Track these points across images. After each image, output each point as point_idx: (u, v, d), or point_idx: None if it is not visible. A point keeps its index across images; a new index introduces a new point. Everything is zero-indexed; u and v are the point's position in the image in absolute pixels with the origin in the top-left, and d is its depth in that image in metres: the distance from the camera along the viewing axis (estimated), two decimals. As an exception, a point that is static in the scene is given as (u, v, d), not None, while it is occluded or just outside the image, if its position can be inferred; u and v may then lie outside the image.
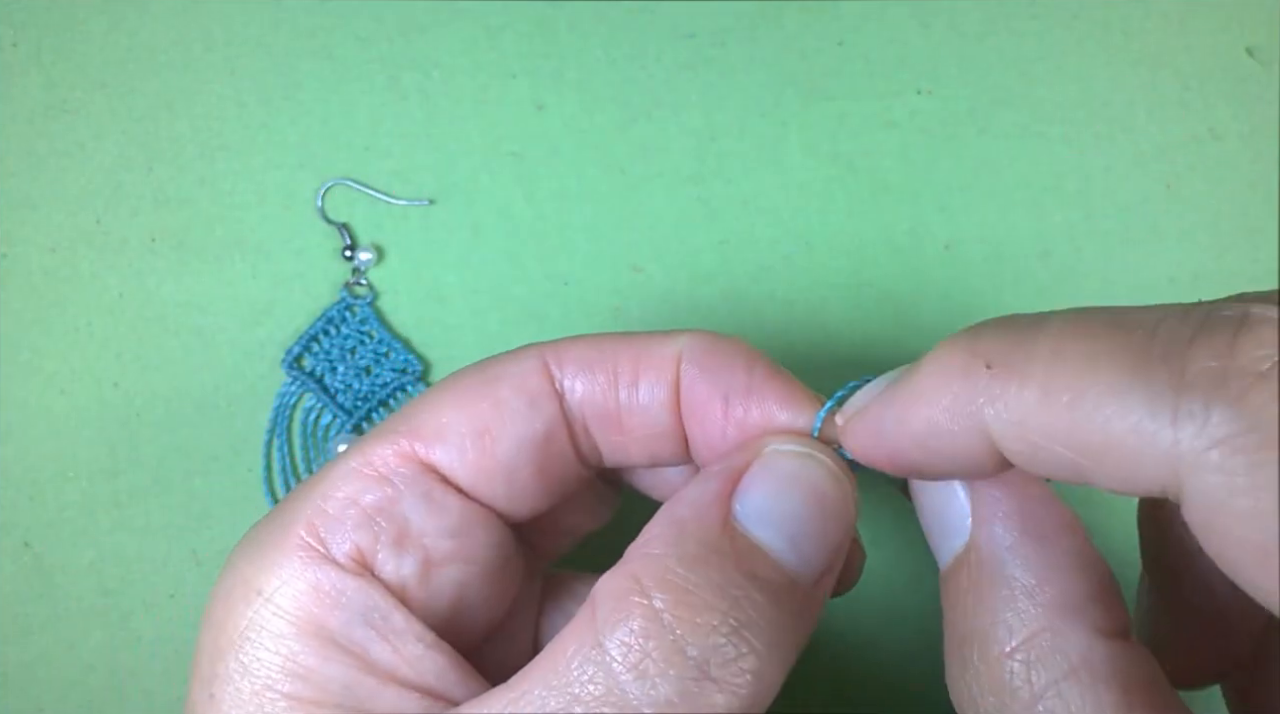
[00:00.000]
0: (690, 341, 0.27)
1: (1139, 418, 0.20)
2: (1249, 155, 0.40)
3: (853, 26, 0.39)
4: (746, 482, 0.25)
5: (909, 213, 0.39)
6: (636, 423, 0.27)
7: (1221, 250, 0.40)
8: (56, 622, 0.37)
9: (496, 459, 0.26)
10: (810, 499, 0.25)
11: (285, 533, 0.26)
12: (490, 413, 0.26)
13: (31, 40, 0.38)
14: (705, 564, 0.23)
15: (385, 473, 0.26)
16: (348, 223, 0.38)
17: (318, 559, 0.25)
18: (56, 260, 0.38)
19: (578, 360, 0.27)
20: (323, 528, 0.26)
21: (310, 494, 0.26)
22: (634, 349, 0.27)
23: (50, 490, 0.37)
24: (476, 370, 0.27)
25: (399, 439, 0.26)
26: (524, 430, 0.27)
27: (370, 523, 0.26)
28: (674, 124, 0.39)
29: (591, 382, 0.27)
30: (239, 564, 0.26)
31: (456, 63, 0.39)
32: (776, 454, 0.25)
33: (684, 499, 0.25)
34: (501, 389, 0.27)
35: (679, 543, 0.24)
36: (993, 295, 0.39)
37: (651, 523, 0.25)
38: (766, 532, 0.24)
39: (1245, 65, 0.40)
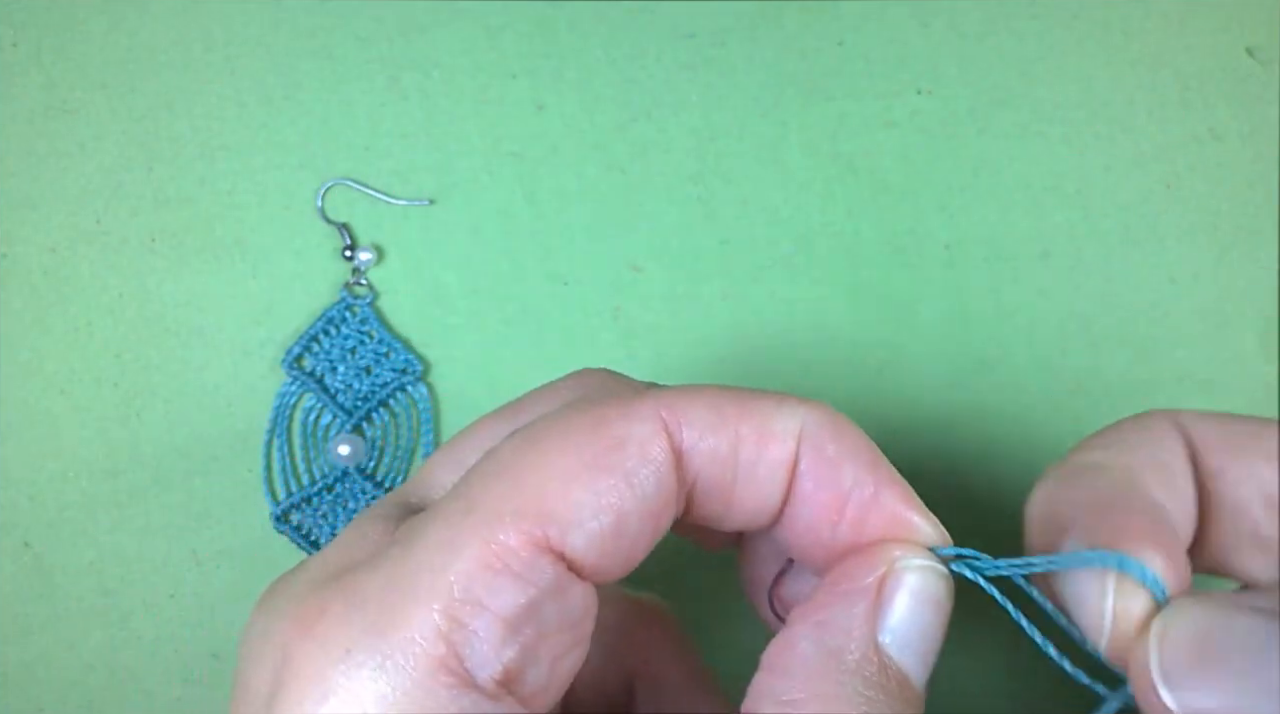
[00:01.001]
0: (812, 417, 0.25)
1: None
2: (1249, 155, 0.40)
3: (853, 26, 0.39)
4: (888, 603, 0.24)
5: (909, 213, 0.39)
6: (747, 495, 0.25)
7: (1221, 250, 0.40)
8: (56, 622, 0.37)
9: (625, 539, 0.24)
10: (938, 613, 0.25)
11: (409, 651, 0.22)
12: (623, 490, 0.23)
13: (31, 40, 0.38)
14: (876, 704, 0.23)
15: (521, 571, 0.22)
16: (348, 223, 0.38)
17: (461, 688, 0.22)
18: (56, 260, 0.38)
19: (699, 423, 0.24)
20: (463, 647, 0.22)
21: (428, 594, 0.22)
22: (755, 415, 0.25)
23: (50, 490, 0.37)
24: (590, 427, 0.24)
25: (530, 526, 0.23)
26: (649, 506, 0.24)
27: (515, 637, 0.22)
28: (674, 124, 0.39)
29: (713, 449, 0.25)
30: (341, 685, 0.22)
31: (456, 63, 0.39)
32: (909, 569, 0.25)
33: (831, 625, 0.24)
34: (628, 459, 0.24)
35: (848, 684, 0.23)
36: (993, 295, 0.39)
37: (799, 651, 0.24)
38: (908, 658, 0.24)
39: (1245, 65, 0.40)
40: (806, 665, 0.23)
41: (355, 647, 0.22)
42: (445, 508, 0.23)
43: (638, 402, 0.24)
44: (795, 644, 0.24)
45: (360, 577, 0.23)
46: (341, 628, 0.22)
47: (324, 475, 0.38)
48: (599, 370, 0.29)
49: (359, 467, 0.38)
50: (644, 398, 0.24)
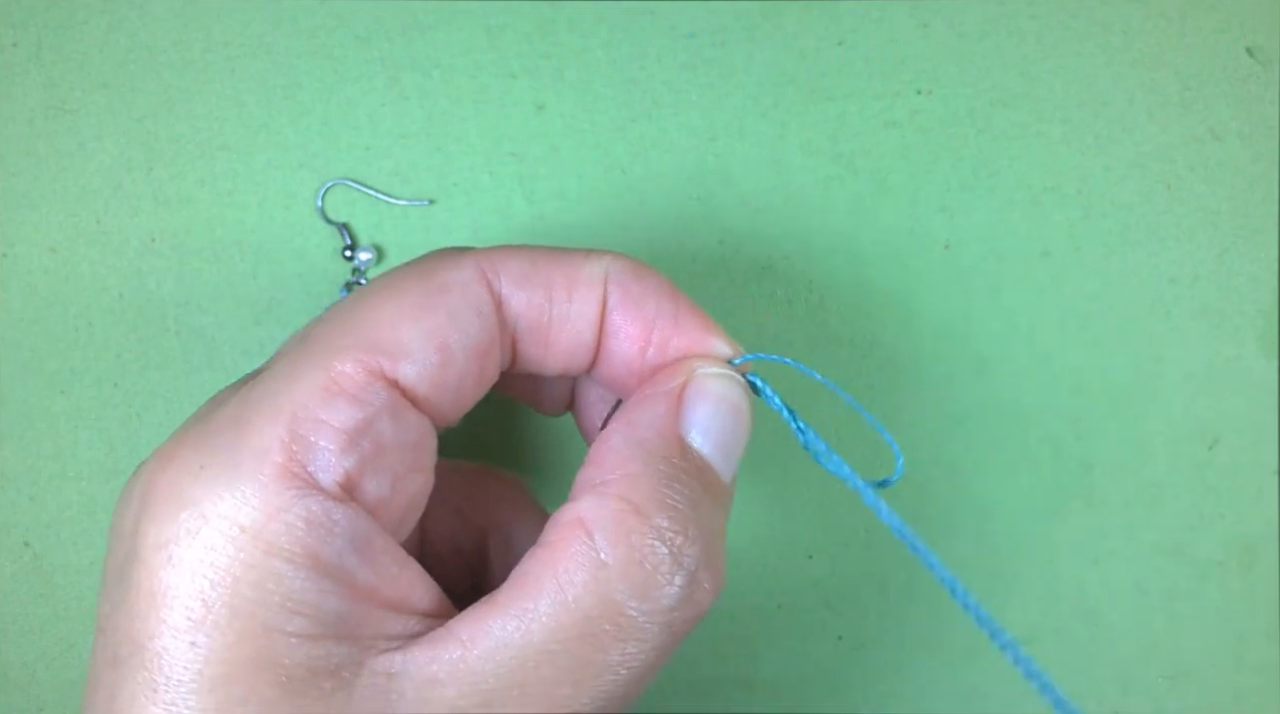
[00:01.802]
0: (614, 264, 0.29)
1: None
2: (1249, 155, 0.40)
3: (853, 26, 0.39)
4: (689, 402, 0.28)
5: (909, 213, 0.39)
6: (563, 336, 0.28)
7: (1221, 250, 0.40)
8: (56, 622, 0.37)
9: (451, 372, 0.26)
10: (736, 415, 0.28)
11: (258, 459, 0.24)
12: (446, 326, 0.26)
13: (31, 40, 0.38)
14: (679, 481, 0.26)
15: (357, 392, 0.25)
16: (348, 223, 0.38)
17: (308, 489, 0.24)
18: (56, 260, 0.38)
19: (516, 273, 0.28)
20: (306, 456, 0.24)
21: (273, 413, 0.25)
22: (565, 265, 0.28)
23: (50, 490, 0.37)
24: (417, 276, 0.27)
25: (363, 355, 0.26)
26: (472, 342, 0.27)
27: (354, 447, 0.25)
28: (674, 124, 0.39)
29: (529, 295, 0.28)
30: (197, 495, 0.24)
31: (456, 63, 0.39)
32: (708, 376, 0.28)
33: (640, 422, 0.27)
34: (451, 299, 0.27)
35: (651, 463, 0.26)
36: (993, 295, 0.39)
37: (610, 445, 0.27)
38: (709, 447, 0.27)
39: (1245, 65, 0.40)
40: (616, 453, 0.27)
41: (209, 462, 0.24)
42: (287, 350, 0.27)
43: (459, 255, 0.28)
44: (607, 440, 0.27)
45: (214, 414, 0.26)
46: (195, 451, 0.25)
47: (324, 475, 0.38)
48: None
49: (359, 467, 0.38)
50: (464, 253, 0.28)
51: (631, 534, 0.25)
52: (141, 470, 0.26)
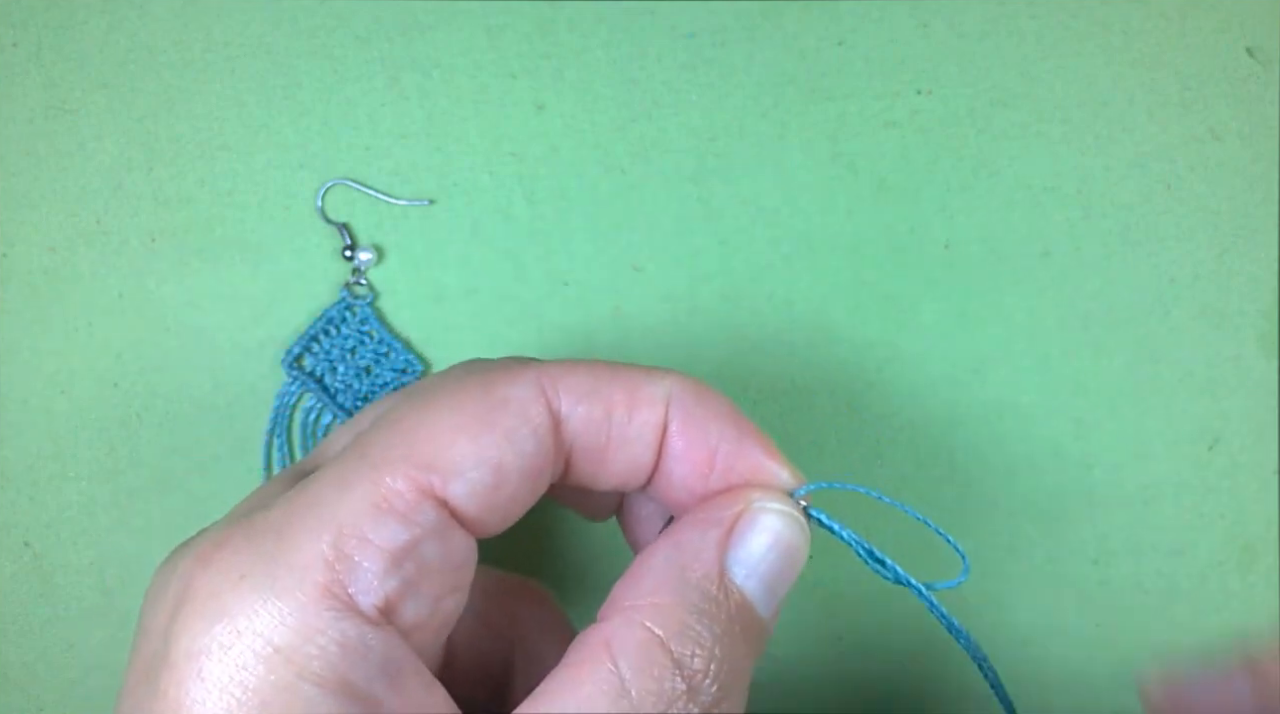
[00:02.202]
0: (678, 385, 0.28)
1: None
2: (1249, 155, 0.40)
3: (853, 26, 0.39)
4: (740, 535, 0.27)
5: (909, 213, 0.39)
6: (621, 456, 0.28)
7: (1221, 250, 0.40)
8: (56, 622, 0.37)
9: (503, 494, 0.26)
10: (789, 556, 0.27)
11: (298, 577, 0.24)
12: (503, 445, 0.26)
13: (31, 40, 0.38)
14: (711, 618, 0.25)
15: (406, 511, 0.25)
16: (348, 223, 0.38)
17: (346, 611, 0.24)
18: (56, 260, 0.38)
19: (575, 390, 0.27)
20: (348, 576, 0.24)
21: (318, 528, 0.24)
22: (626, 384, 0.28)
23: (50, 490, 0.37)
24: (475, 389, 0.26)
25: (415, 472, 0.25)
26: (529, 463, 0.26)
27: (397, 569, 0.24)
28: (674, 124, 0.39)
29: (588, 414, 0.27)
30: (233, 608, 0.23)
31: (456, 63, 0.39)
32: (764, 510, 0.27)
33: (686, 547, 0.26)
34: (508, 418, 0.26)
35: (684, 593, 0.25)
36: (993, 295, 0.39)
37: (650, 566, 0.26)
38: (753, 585, 0.27)
39: (1245, 65, 0.40)
40: (653, 575, 0.26)
41: (249, 573, 0.24)
42: (340, 457, 0.26)
43: (520, 369, 0.27)
44: (649, 559, 0.26)
45: (258, 516, 0.25)
46: (237, 557, 0.24)
47: (324, 475, 0.38)
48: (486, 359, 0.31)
49: (359, 467, 0.38)
50: (526, 367, 0.27)
51: (655, 665, 0.24)
52: (178, 564, 0.25)
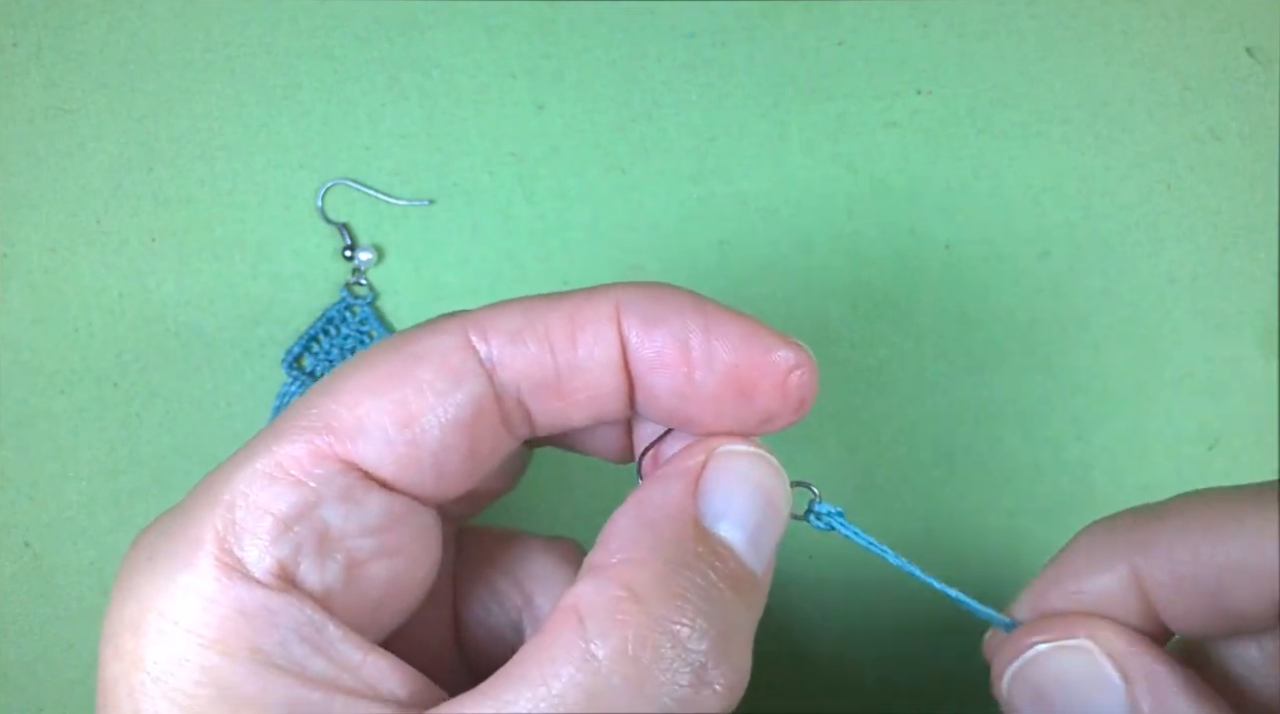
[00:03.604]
0: (625, 294, 0.26)
1: (1269, 514, 0.24)
2: (1249, 155, 0.40)
3: (853, 27, 0.39)
4: (709, 483, 0.25)
5: (909, 213, 0.39)
6: (579, 386, 0.26)
7: (1221, 250, 0.40)
8: (56, 622, 0.37)
9: (423, 448, 0.25)
10: (763, 497, 0.25)
11: (193, 548, 0.23)
12: (413, 398, 0.24)
13: (31, 40, 0.38)
14: (690, 569, 0.24)
15: (299, 475, 0.24)
16: (348, 223, 0.38)
17: (236, 578, 0.23)
18: (56, 260, 0.38)
19: (504, 330, 0.25)
20: (235, 542, 0.23)
21: (213, 501, 0.24)
22: (565, 310, 0.26)
23: (50, 490, 0.37)
24: (391, 348, 0.25)
25: (312, 435, 0.24)
26: (451, 414, 0.25)
27: (288, 533, 0.24)
28: (674, 124, 0.39)
29: (523, 351, 0.25)
30: (140, 586, 0.24)
31: (456, 63, 0.39)
32: (730, 454, 0.26)
33: (651, 502, 0.25)
34: (422, 370, 0.25)
35: (658, 548, 0.24)
36: (993, 295, 0.39)
37: (618, 526, 0.25)
38: (731, 531, 0.25)
39: (1245, 65, 0.40)
40: (621, 535, 0.24)
41: (155, 552, 0.24)
42: (257, 434, 0.25)
43: (444, 321, 0.26)
44: (616, 519, 0.25)
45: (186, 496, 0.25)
46: (146, 538, 0.25)
47: (324, 475, 0.38)
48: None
49: (359, 467, 0.38)
50: (452, 317, 0.26)
51: (628, 625, 0.23)
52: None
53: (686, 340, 0.26)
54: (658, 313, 0.26)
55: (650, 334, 0.26)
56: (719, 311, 0.26)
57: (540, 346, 0.26)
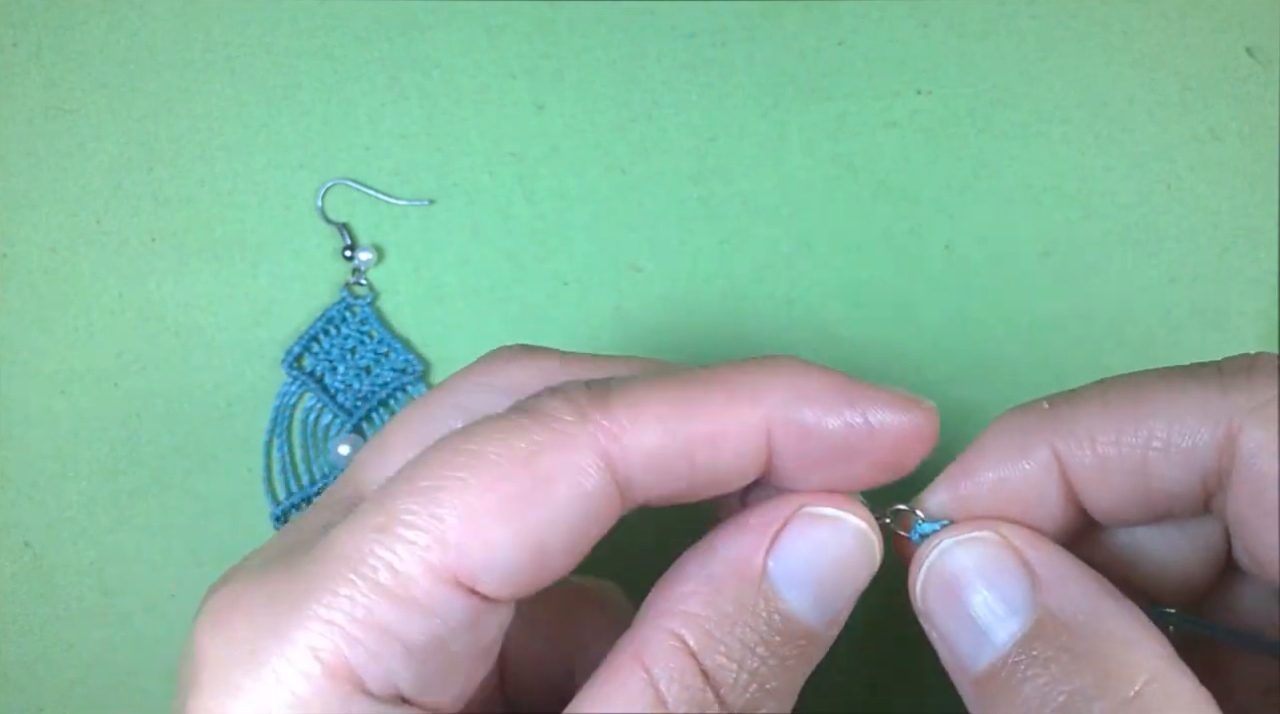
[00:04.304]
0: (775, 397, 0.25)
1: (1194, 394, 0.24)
2: (1249, 155, 0.40)
3: (853, 27, 0.39)
4: (783, 542, 0.25)
5: (909, 213, 0.39)
6: (712, 484, 0.25)
7: (1221, 250, 0.40)
8: (56, 622, 0.37)
9: (548, 570, 0.23)
10: (839, 563, 0.25)
11: (311, 660, 0.22)
12: (545, 527, 0.23)
13: (31, 40, 0.38)
14: (744, 625, 0.24)
15: (428, 603, 0.22)
16: (348, 223, 0.38)
17: (353, 693, 0.22)
18: (56, 260, 0.38)
19: (643, 451, 0.24)
20: (358, 663, 0.22)
21: (328, 605, 0.22)
22: (708, 421, 0.24)
23: (50, 490, 0.37)
24: (518, 458, 0.23)
25: (437, 556, 0.22)
26: (580, 538, 0.24)
27: (416, 663, 0.23)
28: (674, 124, 0.39)
29: (660, 477, 0.24)
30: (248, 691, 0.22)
31: (456, 63, 0.39)
32: (813, 517, 0.25)
33: (718, 553, 0.25)
34: (556, 494, 0.23)
35: (716, 603, 0.24)
36: (993, 295, 0.39)
37: (685, 571, 0.25)
38: (796, 593, 0.25)
39: (1245, 65, 0.40)
40: (686, 582, 0.24)
41: (260, 646, 0.22)
42: (362, 521, 0.23)
43: (576, 427, 0.23)
44: (682, 564, 0.25)
45: (276, 574, 0.24)
46: (249, 625, 0.23)
47: (324, 475, 0.38)
48: (520, 350, 0.28)
49: (359, 467, 0.38)
50: (584, 421, 0.23)
51: (683, 674, 0.23)
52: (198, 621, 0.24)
53: (847, 441, 0.25)
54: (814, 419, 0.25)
55: (806, 444, 0.25)
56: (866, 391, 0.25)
57: (681, 466, 0.24)
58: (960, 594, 0.25)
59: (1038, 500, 0.26)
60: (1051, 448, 0.26)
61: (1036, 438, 0.26)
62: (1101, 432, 0.25)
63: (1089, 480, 0.25)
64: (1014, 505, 0.26)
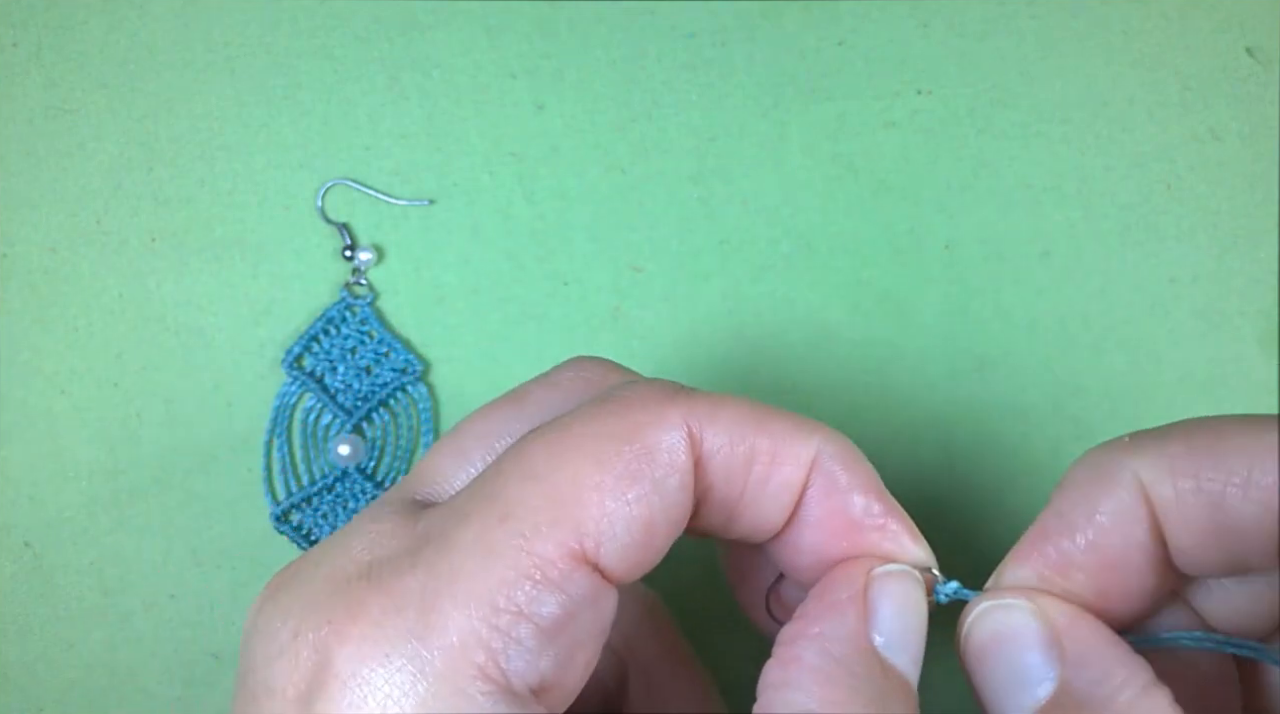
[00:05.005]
0: (826, 444, 0.26)
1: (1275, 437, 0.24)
2: (1249, 155, 0.40)
3: (853, 27, 0.39)
4: (876, 608, 0.25)
5: (909, 213, 0.39)
6: (751, 512, 0.26)
7: (1221, 250, 0.40)
8: (56, 622, 0.37)
9: (653, 551, 0.24)
10: (919, 615, 0.26)
11: (454, 661, 0.22)
12: (653, 500, 0.24)
13: (31, 40, 0.38)
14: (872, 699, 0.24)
15: (559, 581, 0.23)
16: (348, 223, 0.38)
17: (500, 695, 0.22)
18: (56, 260, 0.38)
19: (720, 436, 0.25)
20: (503, 655, 0.22)
21: (469, 604, 0.22)
22: (772, 437, 0.26)
23: (50, 490, 0.37)
24: (620, 435, 0.24)
25: (566, 538, 0.23)
26: (676, 517, 0.25)
27: (553, 645, 0.23)
28: (674, 124, 0.39)
29: (729, 462, 0.25)
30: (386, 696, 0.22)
31: (456, 63, 0.39)
32: (889, 577, 0.26)
33: (833, 637, 0.25)
34: (658, 468, 0.24)
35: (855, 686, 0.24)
36: (993, 295, 0.39)
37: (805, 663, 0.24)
38: (900, 657, 0.25)
39: (1245, 65, 0.40)
40: (815, 676, 0.24)
41: (395, 651, 0.22)
42: (478, 510, 0.24)
43: (666, 406, 0.25)
44: (800, 658, 0.24)
45: (394, 576, 0.23)
46: (380, 630, 0.22)
47: (324, 475, 0.38)
48: (594, 360, 0.29)
49: (359, 467, 0.38)
50: (673, 402, 0.25)
51: None
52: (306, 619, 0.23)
53: (860, 523, 0.26)
54: (847, 481, 0.26)
55: (829, 498, 0.26)
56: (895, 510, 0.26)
57: (742, 466, 0.25)
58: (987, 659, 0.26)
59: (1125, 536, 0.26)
60: (1136, 477, 0.25)
61: (1119, 467, 0.26)
62: (1182, 465, 0.25)
63: (1169, 516, 0.25)
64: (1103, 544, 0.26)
